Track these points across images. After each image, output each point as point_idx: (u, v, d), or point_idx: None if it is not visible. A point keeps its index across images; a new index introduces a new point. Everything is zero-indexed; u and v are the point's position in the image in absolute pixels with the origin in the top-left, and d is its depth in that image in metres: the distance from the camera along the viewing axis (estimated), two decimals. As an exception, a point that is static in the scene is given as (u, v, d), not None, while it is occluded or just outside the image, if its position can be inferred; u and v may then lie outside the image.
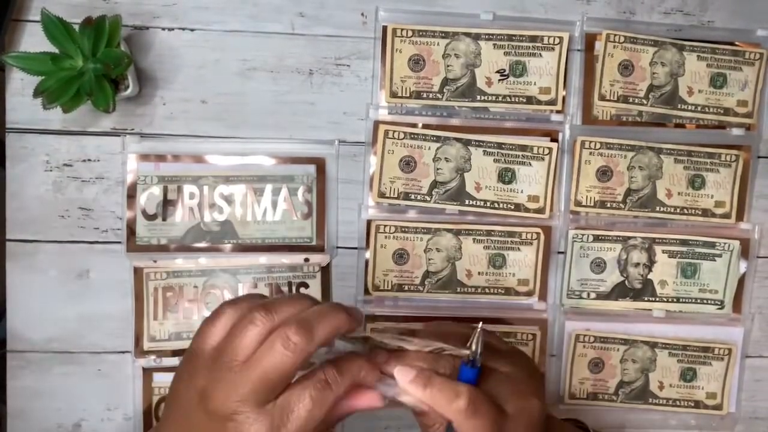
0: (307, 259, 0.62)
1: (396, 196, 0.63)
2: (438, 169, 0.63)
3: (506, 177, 0.63)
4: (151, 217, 0.61)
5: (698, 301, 0.66)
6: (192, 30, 0.62)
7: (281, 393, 0.37)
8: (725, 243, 0.65)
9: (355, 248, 0.63)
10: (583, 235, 0.64)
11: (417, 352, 0.43)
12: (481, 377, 0.43)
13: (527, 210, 0.64)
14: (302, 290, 0.63)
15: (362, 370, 0.40)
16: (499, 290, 0.64)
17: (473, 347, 0.43)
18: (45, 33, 0.55)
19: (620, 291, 0.65)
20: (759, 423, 0.67)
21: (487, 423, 0.41)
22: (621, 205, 0.65)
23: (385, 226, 0.63)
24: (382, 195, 0.63)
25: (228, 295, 0.62)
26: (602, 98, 0.64)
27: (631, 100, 0.64)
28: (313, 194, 0.62)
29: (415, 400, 0.42)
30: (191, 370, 0.39)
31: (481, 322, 0.44)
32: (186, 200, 0.62)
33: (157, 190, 0.61)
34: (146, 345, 0.62)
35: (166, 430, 0.40)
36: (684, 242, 0.65)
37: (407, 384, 0.42)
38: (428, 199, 0.63)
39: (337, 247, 0.63)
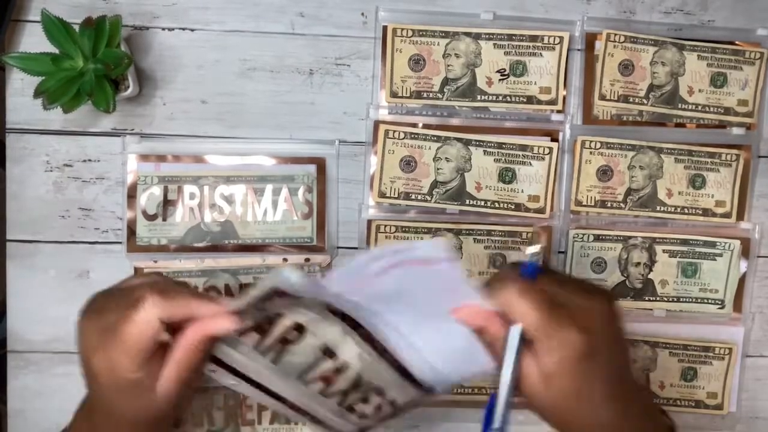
0: (307, 259, 0.62)
1: (396, 195, 0.63)
2: (438, 168, 0.63)
3: (507, 177, 0.63)
4: (151, 218, 0.61)
5: (699, 300, 0.66)
6: (192, 30, 0.62)
7: None
8: (726, 242, 0.65)
9: (356, 248, 0.63)
10: (583, 234, 0.64)
11: None
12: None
13: (528, 210, 0.64)
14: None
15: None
16: (500, 290, 0.64)
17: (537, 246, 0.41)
18: (45, 33, 0.55)
19: (621, 290, 0.65)
20: (759, 423, 0.67)
21: (536, 302, 0.38)
22: (621, 204, 0.64)
23: (385, 226, 0.63)
24: (382, 195, 0.63)
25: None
26: (602, 98, 0.64)
27: (631, 100, 0.64)
28: (313, 194, 0.62)
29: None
30: None
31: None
32: (186, 200, 0.62)
33: (157, 191, 0.61)
34: (147, 345, 0.62)
35: None
36: (684, 242, 0.65)
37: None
38: (429, 199, 0.63)
39: (338, 247, 0.63)
